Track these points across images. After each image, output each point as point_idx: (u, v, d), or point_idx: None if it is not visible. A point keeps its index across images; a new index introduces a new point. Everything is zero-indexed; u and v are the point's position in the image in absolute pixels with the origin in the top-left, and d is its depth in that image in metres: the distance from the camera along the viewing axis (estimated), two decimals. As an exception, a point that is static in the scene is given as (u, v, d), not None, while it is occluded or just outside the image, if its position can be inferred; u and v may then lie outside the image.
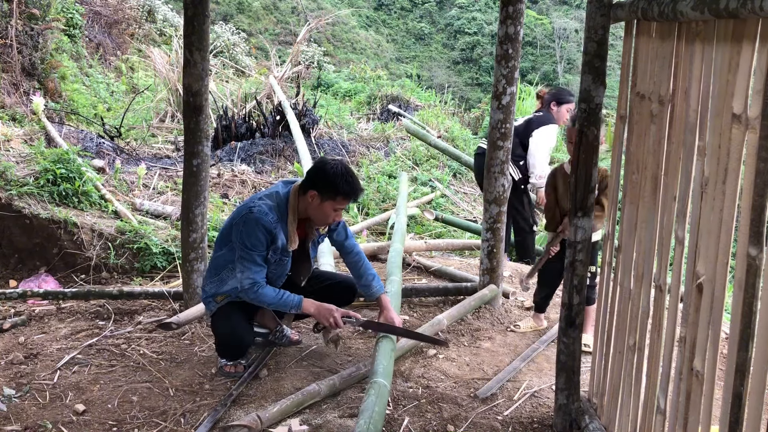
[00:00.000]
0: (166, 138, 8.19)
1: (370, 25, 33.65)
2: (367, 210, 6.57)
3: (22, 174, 4.87)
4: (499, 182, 3.74)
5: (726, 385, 1.62)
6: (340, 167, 2.92)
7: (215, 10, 24.33)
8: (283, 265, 3.05)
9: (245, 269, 2.92)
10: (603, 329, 2.52)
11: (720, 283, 1.67)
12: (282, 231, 2.96)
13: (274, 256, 2.98)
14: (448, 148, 7.63)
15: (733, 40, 1.59)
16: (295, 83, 10.90)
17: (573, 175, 2.42)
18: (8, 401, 2.83)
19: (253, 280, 2.91)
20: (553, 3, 36.22)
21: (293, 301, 2.97)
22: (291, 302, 2.97)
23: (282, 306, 2.98)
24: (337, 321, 2.97)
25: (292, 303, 2.97)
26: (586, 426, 2.49)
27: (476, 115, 11.67)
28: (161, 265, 4.53)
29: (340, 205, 2.95)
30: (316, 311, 2.99)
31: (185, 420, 2.72)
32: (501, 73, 3.61)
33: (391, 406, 2.80)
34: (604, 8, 2.30)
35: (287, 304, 2.97)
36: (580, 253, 2.44)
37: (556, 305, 3.92)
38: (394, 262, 3.94)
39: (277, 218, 2.94)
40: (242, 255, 2.93)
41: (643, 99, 2.17)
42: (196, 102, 3.49)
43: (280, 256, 3.00)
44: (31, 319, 3.74)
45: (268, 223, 2.89)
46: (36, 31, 7.35)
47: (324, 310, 2.99)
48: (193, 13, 3.39)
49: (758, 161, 1.47)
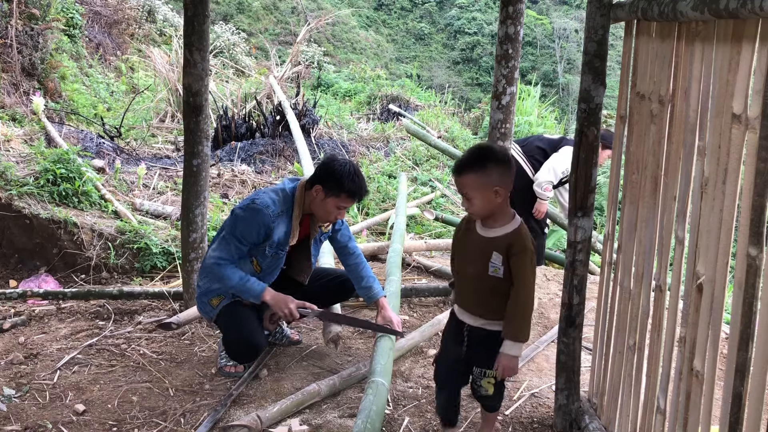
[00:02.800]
0: (166, 138, 8.19)
1: (370, 25, 33.65)
2: (367, 210, 6.57)
3: (22, 174, 4.88)
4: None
5: (726, 385, 1.62)
6: (349, 166, 2.90)
7: (215, 10, 24.33)
8: (279, 258, 3.02)
9: (219, 248, 2.89)
10: (603, 329, 2.52)
11: (720, 283, 1.67)
12: (283, 224, 2.93)
13: (270, 250, 2.95)
14: (448, 148, 7.63)
15: (733, 40, 1.59)
16: (295, 83, 10.89)
17: (573, 175, 2.43)
18: (8, 401, 2.83)
19: (219, 257, 2.87)
20: (553, 3, 36.23)
21: (256, 290, 2.90)
22: (254, 290, 2.90)
23: (244, 291, 2.91)
24: (292, 311, 2.93)
25: (254, 291, 2.90)
26: (586, 426, 2.49)
27: (476, 115, 11.67)
28: (161, 265, 4.53)
29: (344, 203, 2.92)
30: (271, 300, 2.93)
31: (185, 420, 2.72)
32: (501, 73, 3.60)
33: (391, 406, 2.80)
34: (604, 8, 2.30)
35: (250, 290, 2.90)
36: (580, 253, 2.44)
37: (556, 305, 3.92)
38: (393, 262, 3.94)
39: (280, 211, 2.91)
40: (224, 236, 2.90)
41: (643, 99, 2.17)
42: (196, 102, 3.49)
43: (276, 249, 2.97)
44: (31, 319, 3.74)
45: (267, 217, 2.86)
46: (36, 31, 7.35)
47: (280, 300, 2.93)
48: (193, 13, 3.39)
49: (758, 161, 1.47)
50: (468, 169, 2.16)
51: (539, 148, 4.95)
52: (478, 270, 2.23)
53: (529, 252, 2.18)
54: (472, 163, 2.16)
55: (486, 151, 2.18)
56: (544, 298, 4.08)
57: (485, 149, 2.19)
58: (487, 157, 2.15)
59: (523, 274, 2.18)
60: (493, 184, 2.13)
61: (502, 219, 2.21)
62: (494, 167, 2.14)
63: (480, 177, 2.14)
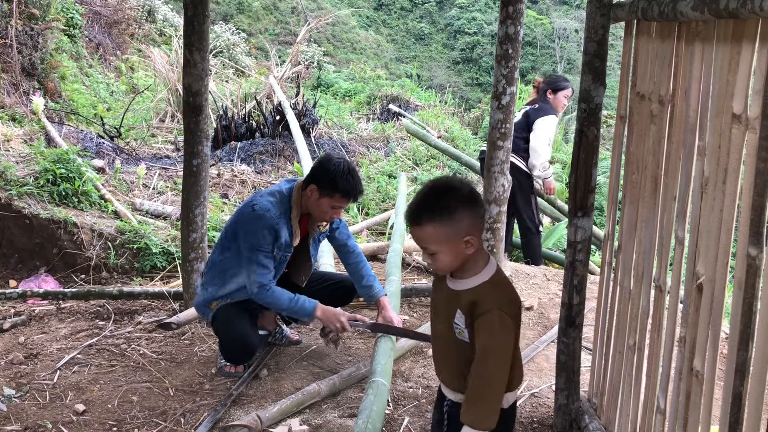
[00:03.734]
0: (166, 138, 8.19)
1: (370, 25, 33.63)
2: (367, 210, 6.57)
3: (22, 174, 4.88)
4: (499, 182, 3.74)
5: (726, 385, 1.62)
6: (343, 165, 2.88)
7: (215, 10, 24.32)
8: (284, 262, 3.02)
9: (251, 272, 2.86)
10: (603, 329, 2.52)
11: (720, 283, 1.67)
12: (285, 226, 2.92)
13: (278, 253, 2.93)
14: (448, 149, 7.64)
15: (733, 40, 1.59)
16: (295, 83, 10.90)
17: (573, 175, 2.43)
18: (8, 401, 2.83)
19: (260, 283, 2.85)
20: (553, 3, 36.21)
21: (308, 309, 2.90)
22: (306, 309, 2.90)
23: (296, 312, 2.91)
24: (344, 325, 2.93)
25: (306, 310, 2.90)
26: (585, 426, 2.49)
27: (476, 115, 11.68)
28: (161, 265, 4.53)
29: (338, 203, 2.90)
30: (323, 315, 2.94)
31: (185, 420, 2.72)
32: (501, 73, 3.61)
33: (391, 406, 2.80)
34: (604, 8, 2.30)
35: (302, 310, 2.90)
36: (580, 253, 2.45)
37: (556, 305, 3.92)
38: (393, 262, 3.95)
39: (280, 213, 2.90)
40: (248, 256, 2.87)
41: (643, 99, 2.17)
42: (196, 102, 3.49)
43: (283, 252, 2.95)
44: (31, 319, 3.74)
45: (271, 219, 2.85)
46: (36, 31, 7.35)
47: (331, 315, 2.94)
48: (193, 13, 3.39)
49: (758, 161, 1.47)
50: (429, 218, 1.63)
51: (518, 138, 4.89)
52: (445, 330, 1.76)
53: (496, 315, 1.63)
54: (433, 210, 1.63)
55: (448, 189, 1.66)
56: (544, 298, 4.08)
57: (447, 187, 1.66)
58: (452, 198, 1.64)
59: (486, 343, 1.64)
60: (464, 232, 1.64)
61: (472, 268, 1.71)
62: (463, 210, 1.64)
63: (445, 226, 1.63)
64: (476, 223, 1.67)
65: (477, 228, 1.68)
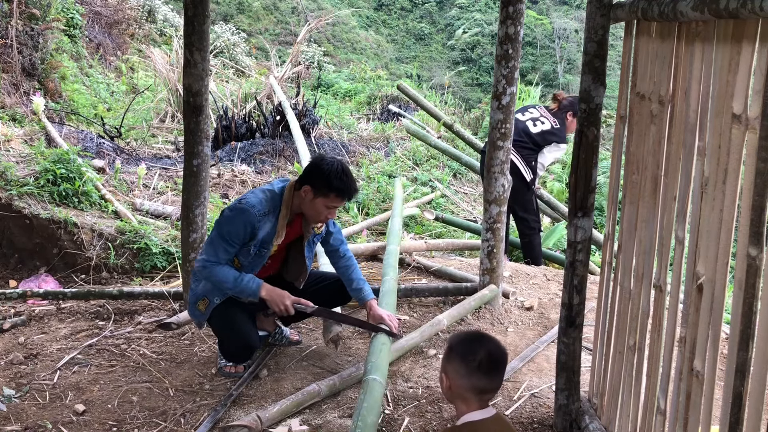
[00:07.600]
0: (166, 138, 8.19)
1: (370, 25, 33.63)
2: (367, 210, 6.57)
3: (22, 174, 4.88)
4: (499, 182, 3.74)
5: (726, 385, 1.62)
6: (337, 165, 2.89)
7: (215, 10, 24.30)
8: (261, 257, 3.00)
9: (205, 252, 2.90)
10: (603, 329, 2.52)
11: (720, 283, 1.67)
12: (269, 224, 2.91)
13: (254, 249, 2.94)
14: (448, 149, 7.64)
15: (733, 41, 1.59)
16: (295, 83, 10.89)
17: (573, 176, 2.43)
18: (8, 401, 2.83)
19: (205, 259, 2.88)
20: (553, 3, 36.18)
21: (252, 288, 2.90)
22: (250, 287, 2.90)
23: (241, 290, 2.91)
24: (288, 308, 2.94)
25: (251, 289, 2.90)
26: (586, 426, 2.49)
27: (476, 115, 11.66)
28: (161, 265, 4.53)
29: (333, 203, 2.91)
30: (267, 295, 2.93)
31: (185, 420, 2.72)
32: (501, 73, 3.60)
33: (391, 406, 2.80)
34: (604, 8, 2.30)
35: (247, 289, 2.90)
36: (580, 253, 2.44)
37: (556, 305, 3.92)
38: (388, 263, 3.95)
39: (267, 211, 2.90)
40: (211, 239, 2.91)
41: (643, 99, 2.17)
42: (196, 102, 3.49)
43: (259, 248, 2.95)
44: (31, 319, 3.74)
45: (253, 216, 2.85)
46: (36, 31, 7.35)
47: (276, 296, 2.94)
48: (193, 13, 3.39)
49: (758, 161, 1.47)
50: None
51: (521, 139, 4.90)
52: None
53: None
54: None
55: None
56: (544, 298, 4.09)
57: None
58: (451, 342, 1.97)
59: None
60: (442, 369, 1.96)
61: (458, 409, 1.95)
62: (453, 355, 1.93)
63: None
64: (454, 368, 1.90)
65: (454, 372, 1.90)
